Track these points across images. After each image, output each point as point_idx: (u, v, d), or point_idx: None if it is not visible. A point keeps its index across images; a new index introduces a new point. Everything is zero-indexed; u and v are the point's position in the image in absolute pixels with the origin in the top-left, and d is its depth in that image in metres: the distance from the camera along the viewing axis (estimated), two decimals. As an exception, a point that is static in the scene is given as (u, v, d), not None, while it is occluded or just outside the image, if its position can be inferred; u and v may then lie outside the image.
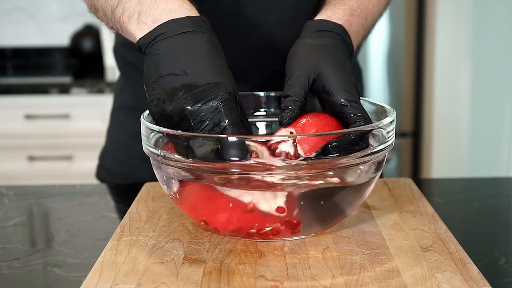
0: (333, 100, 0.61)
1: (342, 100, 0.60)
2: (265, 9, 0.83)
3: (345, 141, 0.56)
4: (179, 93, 0.56)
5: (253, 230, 0.59)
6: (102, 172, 1.02)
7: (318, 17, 0.71)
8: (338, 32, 0.67)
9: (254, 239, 0.61)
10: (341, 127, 0.61)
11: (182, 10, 0.61)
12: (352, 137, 0.56)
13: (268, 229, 0.59)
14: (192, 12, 0.61)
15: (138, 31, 0.62)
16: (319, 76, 0.62)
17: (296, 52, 0.66)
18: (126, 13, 0.64)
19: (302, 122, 0.60)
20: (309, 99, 0.63)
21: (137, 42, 0.62)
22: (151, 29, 0.60)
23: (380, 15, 0.80)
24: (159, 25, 0.60)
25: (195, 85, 0.56)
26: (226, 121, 0.56)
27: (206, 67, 0.57)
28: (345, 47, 0.67)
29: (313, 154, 0.56)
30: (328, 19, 0.69)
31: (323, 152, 0.56)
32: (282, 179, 0.55)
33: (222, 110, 0.56)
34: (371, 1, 0.76)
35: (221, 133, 0.56)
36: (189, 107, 0.55)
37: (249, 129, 0.63)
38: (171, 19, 0.60)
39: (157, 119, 0.59)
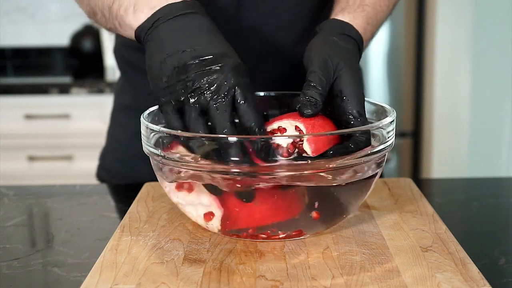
0: (345, 107, 0.60)
1: (354, 111, 0.60)
2: (266, 11, 0.83)
3: (343, 150, 0.56)
4: (191, 66, 0.57)
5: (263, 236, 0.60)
6: (103, 173, 1.02)
7: (340, 17, 0.69)
8: (357, 41, 0.67)
9: (255, 239, 0.61)
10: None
11: None
12: (351, 146, 0.56)
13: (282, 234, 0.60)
14: None
15: (135, 20, 0.63)
16: (338, 78, 0.61)
17: (320, 44, 0.64)
18: (122, 7, 0.65)
19: (312, 120, 0.60)
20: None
21: (135, 30, 0.63)
22: (149, 16, 0.61)
23: (387, 17, 0.81)
24: (156, 11, 0.61)
25: (204, 57, 0.57)
26: (236, 85, 0.57)
27: (211, 40, 0.59)
28: (359, 54, 0.68)
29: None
30: (351, 23, 0.68)
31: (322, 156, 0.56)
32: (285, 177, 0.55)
33: (231, 75, 0.57)
34: (382, 9, 0.76)
35: (234, 101, 0.57)
36: (203, 77, 0.56)
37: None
38: (167, 4, 0.61)
39: (163, 96, 0.59)
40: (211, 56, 0.57)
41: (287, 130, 0.59)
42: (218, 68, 0.57)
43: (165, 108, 0.59)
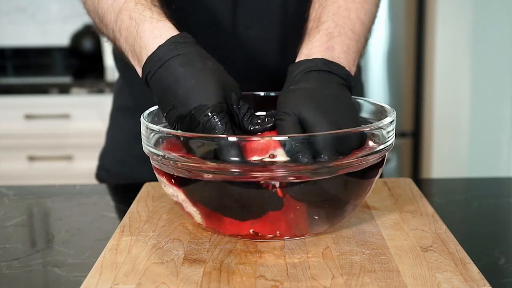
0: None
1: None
2: (258, 8, 0.84)
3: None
4: (176, 125, 0.60)
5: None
6: (102, 173, 1.02)
7: (298, 58, 0.68)
8: (321, 68, 0.64)
9: (255, 239, 0.61)
10: None
11: (153, 41, 0.63)
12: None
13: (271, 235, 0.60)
14: (163, 35, 0.63)
15: (138, 71, 0.65)
16: (302, 123, 0.59)
17: (281, 101, 0.63)
18: (122, 49, 0.68)
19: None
20: None
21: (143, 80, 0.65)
22: (141, 70, 0.64)
23: (373, 13, 0.77)
24: (143, 66, 0.63)
25: (183, 116, 0.59)
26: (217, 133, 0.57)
27: (185, 94, 0.60)
28: (336, 77, 0.64)
29: None
30: (306, 58, 0.66)
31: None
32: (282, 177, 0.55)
33: (209, 130, 0.58)
34: (351, 11, 0.72)
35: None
36: (170, 131, 0.59)
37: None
38: (148, 57, 0.62)
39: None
40: (187, 116, 0.59)
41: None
42: (194, 127, 0.58)
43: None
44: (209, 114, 0.58)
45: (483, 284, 0.51)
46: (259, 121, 0.62)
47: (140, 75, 0.64)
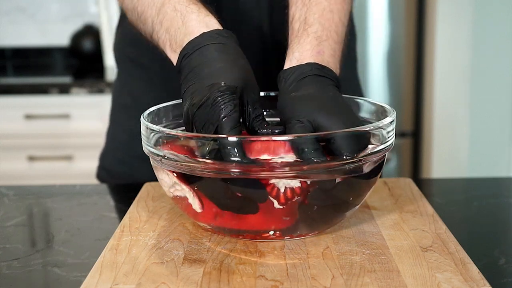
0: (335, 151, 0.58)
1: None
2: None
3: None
4: (189, 100, 0.60)
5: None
6: (103, 173, 1.02)
7: (287, 63, 0.68)
8: (317, 73, 0.65)
9: (256, 239, 0.61)
10: None
11: (199, 29, 0.65)
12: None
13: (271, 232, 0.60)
14: (208, 26, 0.65)
15: (173, 59, 0.67)
16: (319, 129, 0.59)
17: (283, 107, 0.64)
18: (160, 41, 0.69)
19: None
20: None
21: (175, 69, 0.66)
22: (178, 55, 0.65)
23: (349, 13, 0.77)
24: (183, 48, 0.64)
25: (199, 89, 0.60)
26: (221, 115, 0.57)
27: (209, 73, 0.61)
28: (329, 80, 0.65)
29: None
30: (299, 63, 0.67)
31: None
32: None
33: (216, 105, 0.57)
34: (334, 13, 0.72)
35: (216, 128, 0.57)
36: (194, 110, 0.59)
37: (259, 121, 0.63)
38: (188, 42, 0.64)
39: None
40: (200, 90, 0.59)
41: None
42: (201, 102, 0.58)
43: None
44: (221, 91, 0.58)
45: (483, 284, 0.51)
46: (269, 126, 0.62)
47: (175, 63, 0.66)
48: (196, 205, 0.60)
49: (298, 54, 0.68)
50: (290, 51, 0.69)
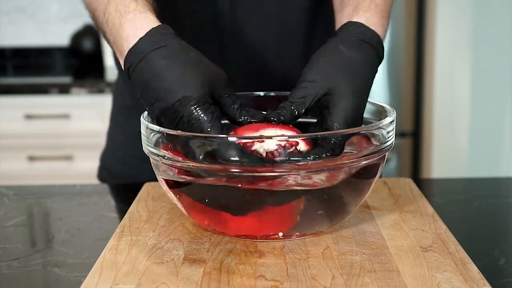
0: (327, 120, 0.59)
1: (334, 126, 0.59)
2: (255, 3, 0.85)
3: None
4: (161, 119, 0.58)
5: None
6: (104, 174, 1.03)
7: (355, 19, 0.67)
8: (374, 45, 0.65)
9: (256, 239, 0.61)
10: None
11: (135, 33, 0.61)
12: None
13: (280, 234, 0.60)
14: (143, 27, 0.61)
15: (121, 61, 0.63)
16: (331, 93, 0.60)
17: (323, 55, 0.63)
18: (110, 43, 0.66)
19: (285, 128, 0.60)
20: None
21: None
22: (123, 65, 0.62)
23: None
24: (124, 60, 0.61)
25: (166, 108, 0.57)
26: (204, 130, 0.56)
27: (169, 86, 0.58)
28: (377, 59, 0.66)
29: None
30: (367, 25, 0.66)
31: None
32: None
33: (193, 123, 0.56)
34: None
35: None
36: (170, 131, 0.57)
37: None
38: (129, 50, 0.61)
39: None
40: (171, 108, 0.57)
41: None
42: (177, 120, 0.57)
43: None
44: (194, 105, 0.56)
45: (483, 284, 0.51)
46: (248, 112, 0.61)
47: (123, 68, 0.63)
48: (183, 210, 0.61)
49: (369, 15, 0.67)
50: (355, 9, 0.69)
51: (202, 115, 0.56)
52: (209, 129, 0.56)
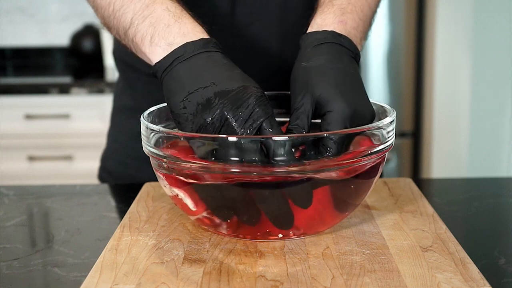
0: (321, 128, 0.60)
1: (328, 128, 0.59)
2: (258, 6, 0.85)
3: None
4: (214, 101, 0.57)
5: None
6: (105, 175, 1.02)
7: (309, 29, 0.68)
8: (332, 41, 0.65)
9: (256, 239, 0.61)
10: None
11: (195, 33, 0.62)
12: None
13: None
14: (204, 34, 0.63)
15: (152, 54, 0.63)
16: (320, 102, 0.60)
17: (294, 78, 0.64)
18: (138, 35, 0.65)
19: None
20: None
21: (153, 66, 0.63)
22: (168, 53, 0.61)
23: (377, 2, 0.78)
24: (175, 49, 0.61)
25: (227, 91, 0.57)
26: (264, 116, 0.57)
27: (231, 75, 0.59)
28: (346, 50, 0.65)
29: None
30: (318, 29, 0.67)
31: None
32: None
33: (258, 107, 0.57)
34: None
35: (261, 128, 0.57)
36: (228, 111, 0.56)
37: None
38: (187, 42, 0.61)
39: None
40: (234, 91, 0.57)
41: None
42: (240, 102, 0.57)
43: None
44: (262, 92, 0.57)
45: (483, 284, 0.51)
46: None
47: (152, 57, 0.62)
48: (189, 204, 0.60)
49: (320, 21, 0.68)
50: (313, 19, 0.69)
51: (268, 103, 0.58)
52: (269, 116, 0.57)
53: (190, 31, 0.62)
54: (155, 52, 0.63)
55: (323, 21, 0.68)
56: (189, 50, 0.61)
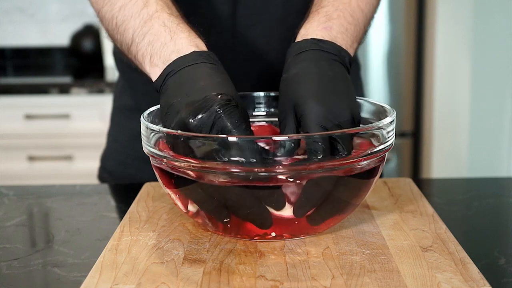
0: (302, 130, 0.60)
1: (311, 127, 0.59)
2: (258, 7, 0.85)
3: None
4: (182, 112, 0.58)
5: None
6: (105, 175, 1.02)
7: (296, 39, 0.68)
8: (311, 48, 0.65)
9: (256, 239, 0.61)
10: None
11: (188, 48, 0.63)
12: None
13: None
14: (198, 47, 0.64)
15: (152, 73, 0.65)
16: (296, 110, 0.60)
17: (279, 91, 0.65)
18: (139, 53, 0.67)
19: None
20: None
21: (153, 85, 0.65)
22: (162, 71, 0.63)
23: (373, 5, 0.77)
24: (167, 66, 0.63)
25: (194, 101, 0.58)
26: (228, 124, 0.56)
27: (205, 85, 0.59)
28: (326, 54, 0.65)
29: None
30: (302, 39, 0.67)
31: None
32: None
33: (222, 115, 0.57)
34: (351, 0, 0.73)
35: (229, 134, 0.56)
36: (191, 120, 0.57)
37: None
38: (177, 58, 0.62)
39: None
40: (200, 101, 0.57)
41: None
42: (202, 112, 0.57)
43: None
44: (228, 100, 0.57)
45: (483, 284, 0.51)
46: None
47: (154, 78, 0.64)
48: (180, 206, 0.61)
49: (303, 31, 0.68)
50: (299, 30, 0.69)
51: (235, 109, 0.57)
52: (234, 128, 0.56)
53: (184, 46, 0.63)
54: (154, 72, 0.64)
55: (307, 30, 0.68)
56: (179, 64, 0.62)
